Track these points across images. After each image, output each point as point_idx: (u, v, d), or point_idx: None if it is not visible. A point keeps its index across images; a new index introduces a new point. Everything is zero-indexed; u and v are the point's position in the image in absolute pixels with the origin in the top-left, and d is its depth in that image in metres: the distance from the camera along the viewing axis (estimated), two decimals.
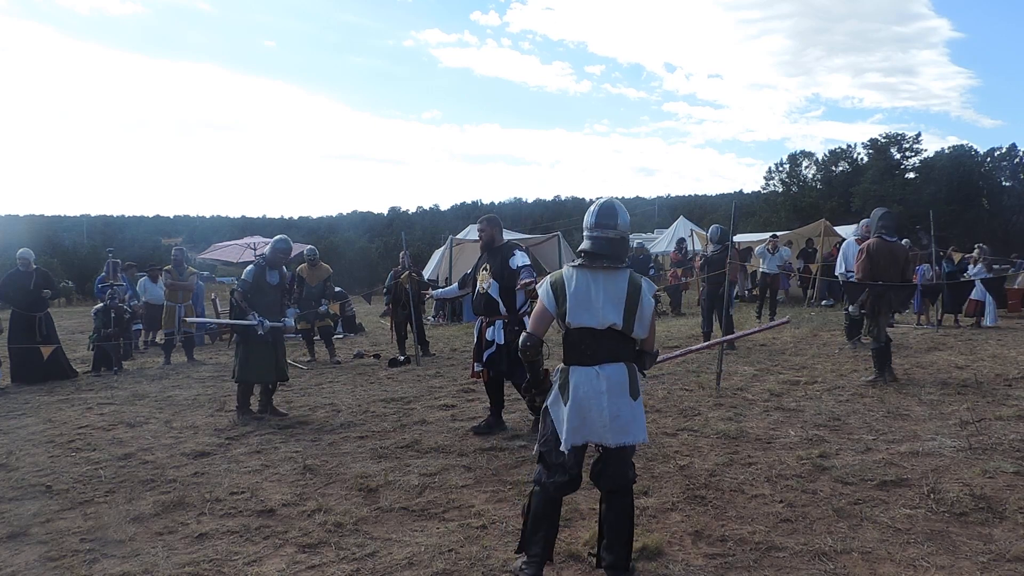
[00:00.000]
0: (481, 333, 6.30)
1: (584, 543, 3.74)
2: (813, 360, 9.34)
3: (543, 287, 3.51)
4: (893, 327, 11.99)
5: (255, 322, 6.94)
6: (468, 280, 6.70)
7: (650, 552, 3.63)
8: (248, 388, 7.13)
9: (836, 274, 11.70)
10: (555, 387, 3.47)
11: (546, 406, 3.49)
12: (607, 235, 3.45)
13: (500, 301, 6.17)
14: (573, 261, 3.54)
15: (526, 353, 3.53)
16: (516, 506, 4.34)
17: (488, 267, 6.26)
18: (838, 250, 17.48)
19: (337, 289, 16.94)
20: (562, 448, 3.35)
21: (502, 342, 6.12)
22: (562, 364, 3.49)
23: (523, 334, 3.55)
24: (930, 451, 5.18)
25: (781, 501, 4.31)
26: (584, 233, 3.53)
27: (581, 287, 3.41)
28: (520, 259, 6.13)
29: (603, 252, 3.43)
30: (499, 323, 6.19)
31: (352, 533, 4.06)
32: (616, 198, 3.70)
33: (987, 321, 12.79)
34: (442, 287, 17.85)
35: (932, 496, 4.27)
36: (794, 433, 5.78)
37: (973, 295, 13.05)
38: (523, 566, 3.40)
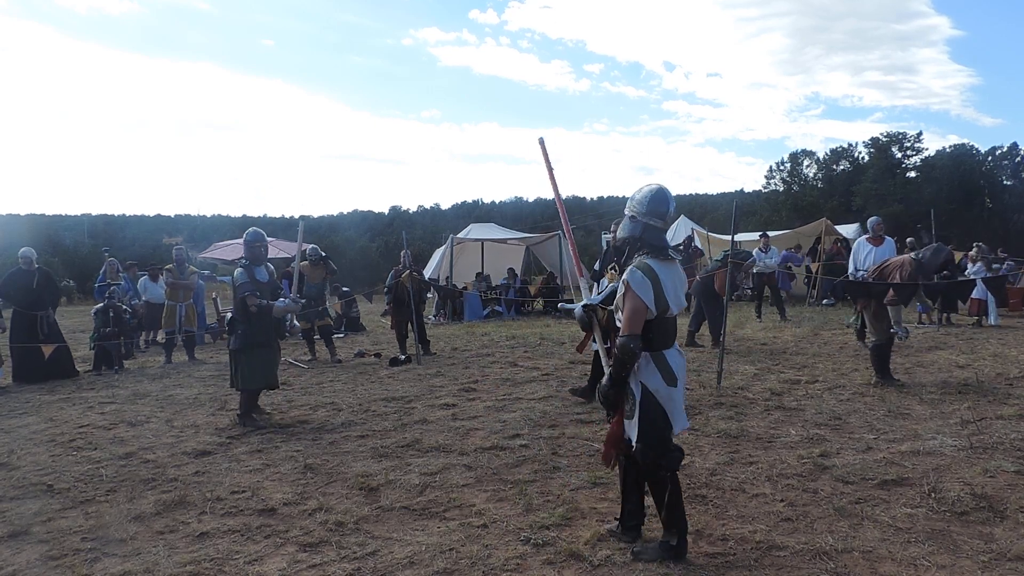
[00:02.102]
0: None
1: (585, 542, 3.74)
2: (814, 359, 9.33)
3: (642, 286, 3.45)
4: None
5: (293, 301, 7.10)
6: (597, 276, 7.31)
7: None
8: (255, 394, 6.94)
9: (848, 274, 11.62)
10: (654, 375, 3.52)
11: (644, 395, 3.52)
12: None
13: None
14: (653, 255, 3.56)
15: (633, 355, 3.46)
16: (517, 505, 4.35)
17: (617, 267, 6.52)
18: (839, 248, 17.51)
19: (344, 289, 17.01)
20: (683, 426, 3.59)
21: None
22: (643, 352, 3.52)
23: (624, 338, 3.46)
24: (931, 450, 5.17)
25: (782, 500, 4.31)
26: (659, 223, 3.63)
27: (672, 279, 3.58)
28: None
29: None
30: None
31: (353, 532, 4.07)
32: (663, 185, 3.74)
33: (991, 320, 12.76)
34: (443, 285, 17.94)
35: (933, 495, 4.26)
36: (795, 432, 5.78)
37: (974, 294, 13.03)
38: (670, 544, 3.54)
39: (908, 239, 14.77)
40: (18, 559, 3.87)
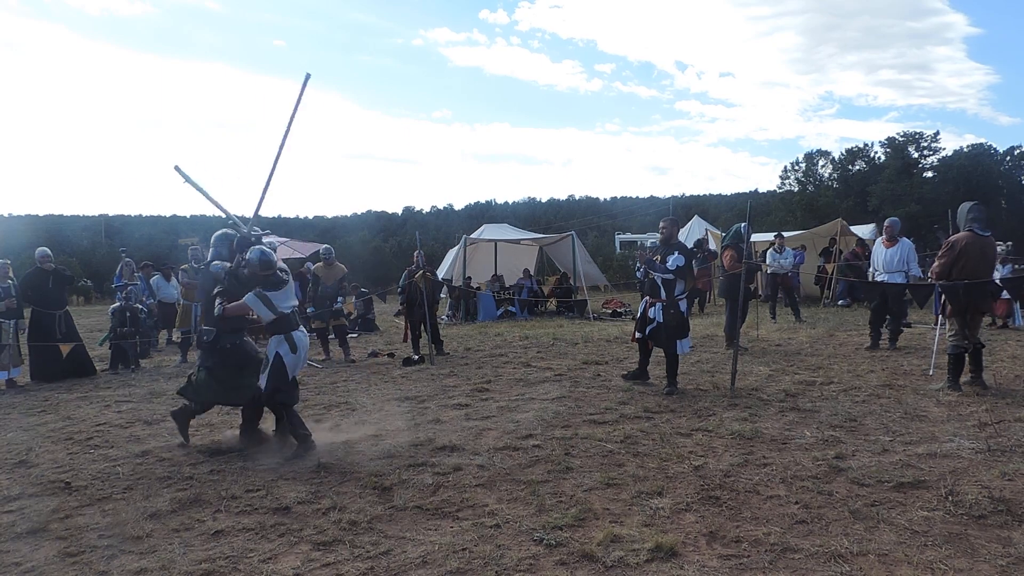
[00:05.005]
0: (645, 310, 7.76)
1: (598, 543, 3.74)
2: (829, 360, 9.26)
3: (257, 305, 5.65)
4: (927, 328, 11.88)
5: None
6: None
7: (664, 552, 3.62)
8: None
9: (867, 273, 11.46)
10: (284, 346, 5.67)
11: (276, 359, 5.66)
12: None
13: (662, 288, 7.55)
14: (268, 287, 5.71)
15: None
16: (530, 505, 4.35)
17: (659, 259, 7.65)
18: (859, 251, 17.34)
19: (363, 290, 17.12)
20: (293, 375, 5.79)
21: (661, 320, 7.56)
22: (274, 336, 5.72)
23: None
24: (948, 453, 5.12)
25: (796, 502, 4.28)
26: (276, 273, 5.86)
27: (281, 296, 5.78)
28: (673, 262, 7.46)
29: None
30: (659, 305, 7.59)
31: (366, 531, 4.08)
32: None
33: (1016, 322, 12.57)
34: (459, 285, 17.97)
35: (950, 498, 4.22)
36: (810, 434, 5.74)
37: (1003, 295, 12.80)
38: (306, 446, 5.65)
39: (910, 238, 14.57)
40: (36, 555, 3.92)
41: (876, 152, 54.93)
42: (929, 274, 7.82)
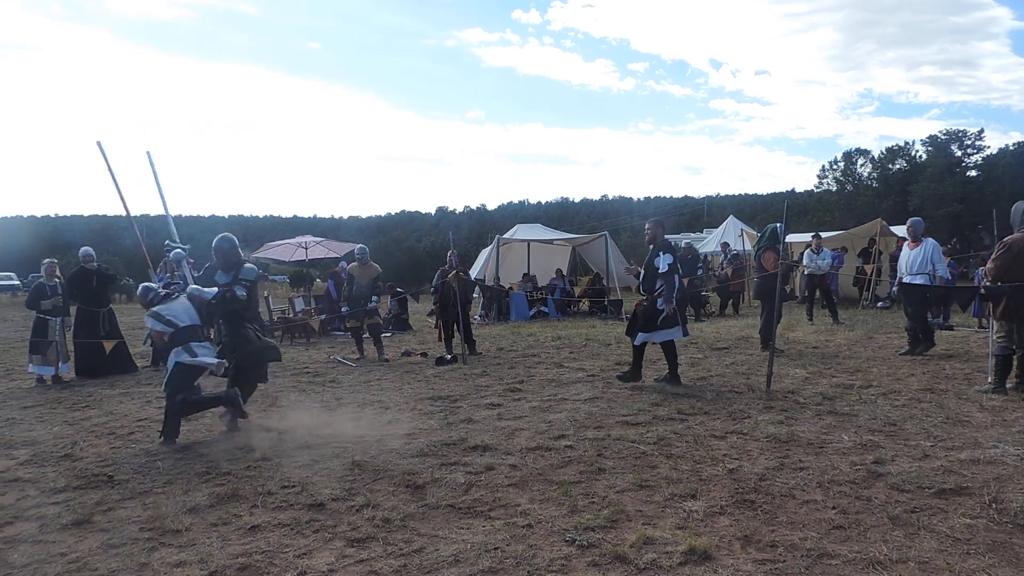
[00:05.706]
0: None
1: (630, 545, 3.72)
2: (868, 363, 9.09)
3: (155, 323, 6.43)
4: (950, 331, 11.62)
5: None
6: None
7: (698, 555, 3.58)
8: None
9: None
10: (183, 355, 6.26)
11: (177, 365, 6.23)
12: None
13: (642, 285, 8.06)
14: (161, 303, 6.52)
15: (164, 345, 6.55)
16: (562, 506, 4.34)
17: (646, 260, 7.99)
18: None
19: (398, 290, 17.30)
20: (220, 373, 6.64)
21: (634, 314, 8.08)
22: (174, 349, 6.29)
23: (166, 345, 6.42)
24: (992, 459, 4.99)
25: (834, 507, 4.21)
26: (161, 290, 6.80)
27: (178, 307, 6.63)
28: (663, 262, 7.68)
29: None
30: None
31: (399, 529, 4.11)
32: None
33: None
34: (490, 285, 18.03)
35: (994, 505, 4.11)
36: (847, 438, 5.64)
37: None
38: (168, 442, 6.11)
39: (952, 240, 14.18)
40: (81, 546, 4.03)
41: (917, 151, 53.74)
42: (983, 275, 7.57)
